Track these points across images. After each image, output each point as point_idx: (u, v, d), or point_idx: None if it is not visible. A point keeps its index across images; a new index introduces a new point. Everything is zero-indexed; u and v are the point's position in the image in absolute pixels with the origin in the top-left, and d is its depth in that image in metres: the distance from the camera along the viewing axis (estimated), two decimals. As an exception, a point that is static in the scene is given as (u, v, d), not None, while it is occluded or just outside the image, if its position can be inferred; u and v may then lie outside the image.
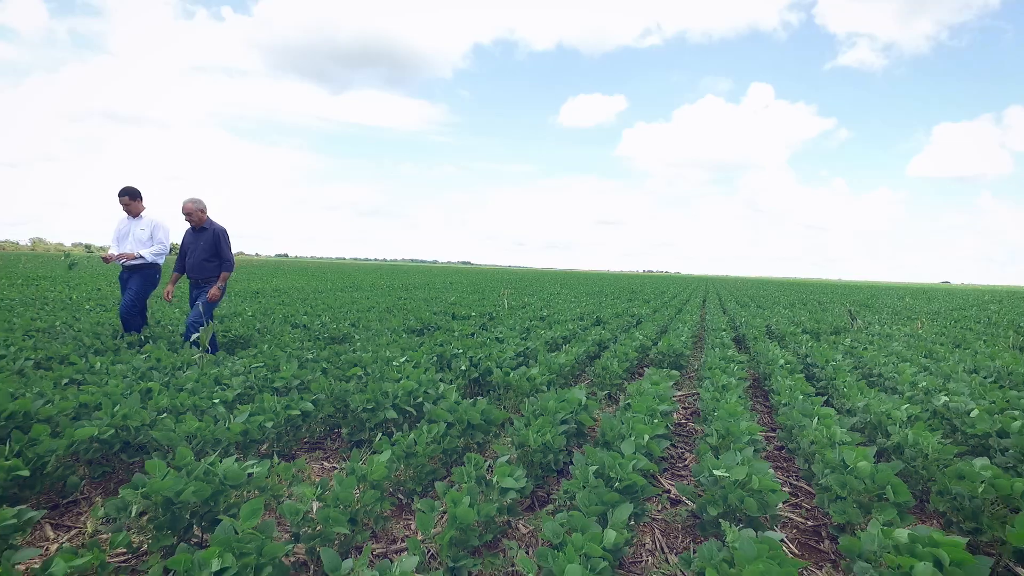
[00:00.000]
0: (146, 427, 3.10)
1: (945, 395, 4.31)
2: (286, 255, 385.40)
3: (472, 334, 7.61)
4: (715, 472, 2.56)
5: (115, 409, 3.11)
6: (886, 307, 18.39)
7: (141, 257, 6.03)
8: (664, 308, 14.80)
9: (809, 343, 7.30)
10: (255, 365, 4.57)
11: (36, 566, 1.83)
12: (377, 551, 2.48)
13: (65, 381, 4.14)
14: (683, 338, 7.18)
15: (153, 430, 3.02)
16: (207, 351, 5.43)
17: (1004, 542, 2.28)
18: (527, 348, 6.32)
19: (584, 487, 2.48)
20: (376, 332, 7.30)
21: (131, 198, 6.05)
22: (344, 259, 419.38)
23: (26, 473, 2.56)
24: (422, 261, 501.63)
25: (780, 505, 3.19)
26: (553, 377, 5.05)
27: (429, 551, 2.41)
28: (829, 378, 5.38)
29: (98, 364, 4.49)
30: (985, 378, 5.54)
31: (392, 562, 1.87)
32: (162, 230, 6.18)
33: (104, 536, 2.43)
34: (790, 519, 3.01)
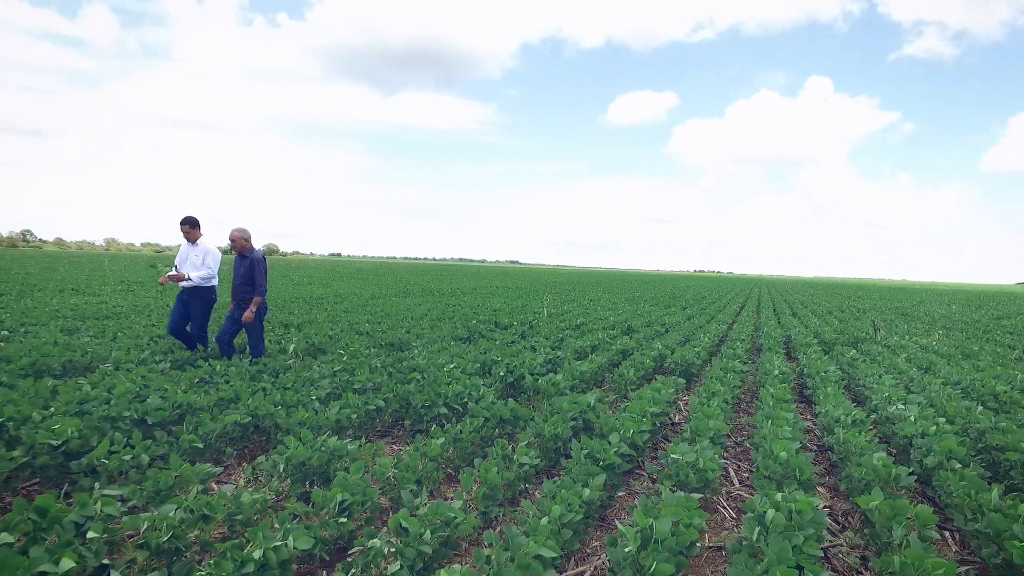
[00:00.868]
0: (269, 415, 4.33)
1: (902, 404, 5.17)
2: (339, 254, 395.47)
3: (511, 342, 8.73)
4: (672, 455, 3.58)
5: (249, 402, 4.37)
6: (926, 315, 18.54)
7: (189, 280, 6.59)
8: (699, 315, 15.56)
9: (816, 355, 8.09)
10: (337, 369, 5.81)
11: (231, 497, 3.00)
12: (434, 504, 3.60)
13: (196, 380, 5.46)
14: (697, 349, 8.09)
15: (275, 417, 4.24)
16: (262, 354, 6.61)
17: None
18: (557, 356, 7.39)
19: (577, 464, 3.54)
20: (429, 340, 8.50)
21: (191, 227, 6.68)
22: (395, 258, 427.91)
23: (200, 445, 3.82)
24: (471, 260, 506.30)
25: (736, 484, 4.17)
26: (575, 382, 6.11)
27: (470, 505, 3.50)
28: (816, 387, 6.24)
29: (218, 367, 5.80)
30: (957, 391, 6.28)
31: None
32: (212, 256, 6.70)
33: (264, 486, 3.62)
34: (740, 494, 3.99)
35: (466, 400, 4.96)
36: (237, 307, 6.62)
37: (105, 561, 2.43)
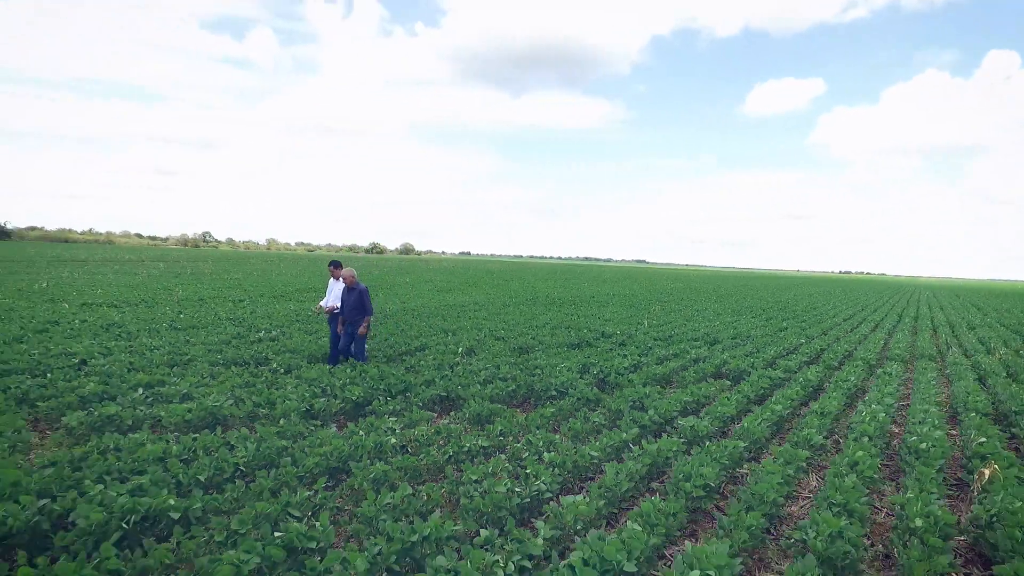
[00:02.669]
0: (454, 391, 7.53)
1: (875, 405, 7.37)
2: (469, 253, 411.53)
3: (610, 349, 11.53)
4: (679, 422, 6.29)
5: (440, 381, 7.63)
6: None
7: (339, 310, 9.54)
8: (792, 327, 17.25)
9: (853, 368, 10.10)
10: (487, 366, 8.99)
11: (445, 426, 6.13)
12: (546, 441, 6.58)
13: (405, 368, 8.85)
14: (753, 360, 10.42)
15: (459, 391, 7.44)
16: (363, 360, 9.63)
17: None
18: (641, 361, 10.10)
19: (625, 424, 6.35)
20: (548, 345, 11.52)
21: (335, 267, 9.27)
22: (521, 257, 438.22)
23: (420, 405, 7.09)
24: (596, 260, 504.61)
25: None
26: (648, 380, 8.82)
27: (564, 439, 6.39)
28: (827, 391, 8.46)
29: (413, 360, 9.19)
30: (942, 399, 8.19)
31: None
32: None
33: (452, 426, 6.78)
34: (730, 451, 6.57)
35: (568, 387, 7.91)
36: (350, 325, 8.96)
37: (405, 444, 5.64)
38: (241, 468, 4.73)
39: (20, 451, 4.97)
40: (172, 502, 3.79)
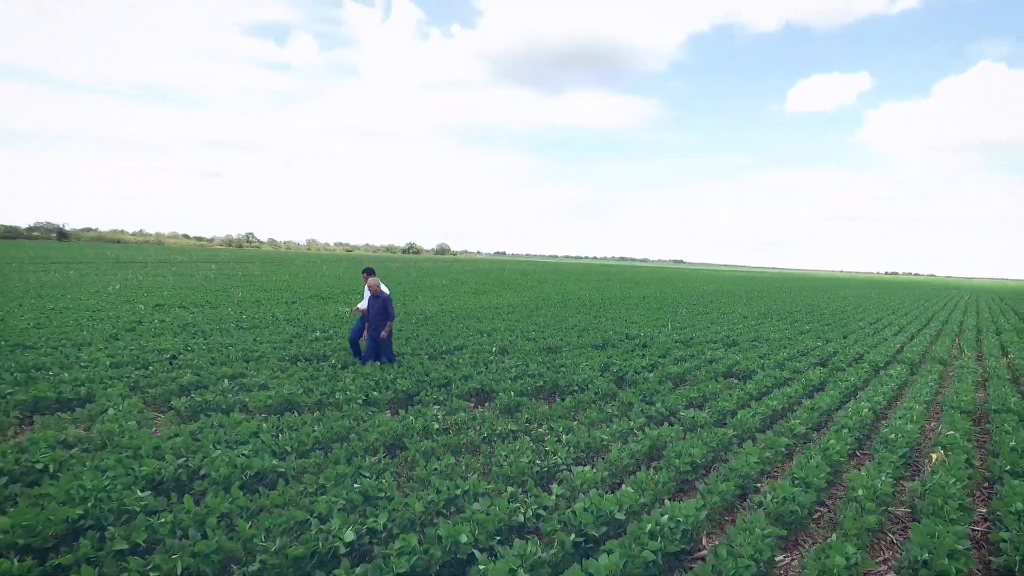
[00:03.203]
0: (488, 384, 8.66)
1: (864, 401, 8.22)
2: (503, 253, 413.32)
3: (631, 349, 12.51)
4: (681, 414, 7.28)
5: (479, 376, 8.77)
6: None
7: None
8: (811, 330, 17.88)
9: (856, 369, 10.87)
10: (518, 364, 10.10)
11: (479, 413, 7.24)
12: (566, 428, 7.64)
13: (445, 364, 10.01)
14: (763, 361, 11.27)
15: (492, 385, 8.56)
16: (394, 360, 10.79)
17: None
18: (659, 361, 11.07)
19: (635, 414, 7.37)
20: (575, 346, 12.57)
21: (368, 274, 10.05)
22: (556, 257, 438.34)
23: (459, 395, 8.25)
24: (632, 260, 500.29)
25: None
26: (663, 378, 9.80)
27: (580, 426, 7.44)
28: (827, 387, 9.30)
29: (452, 358, 10.36)
30: (927, 398, 8.96)
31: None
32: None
33: (486, 414, 7.90)
34: (727, 440, 7.54)
35: (587, 383, 8.96)
36: (374, 329, 9.82)
37: (447, 427, 6.78)
38: (319, 441, 5.94)
39: (145, 427, 6.29)
40: (275, 462, 5.01)
